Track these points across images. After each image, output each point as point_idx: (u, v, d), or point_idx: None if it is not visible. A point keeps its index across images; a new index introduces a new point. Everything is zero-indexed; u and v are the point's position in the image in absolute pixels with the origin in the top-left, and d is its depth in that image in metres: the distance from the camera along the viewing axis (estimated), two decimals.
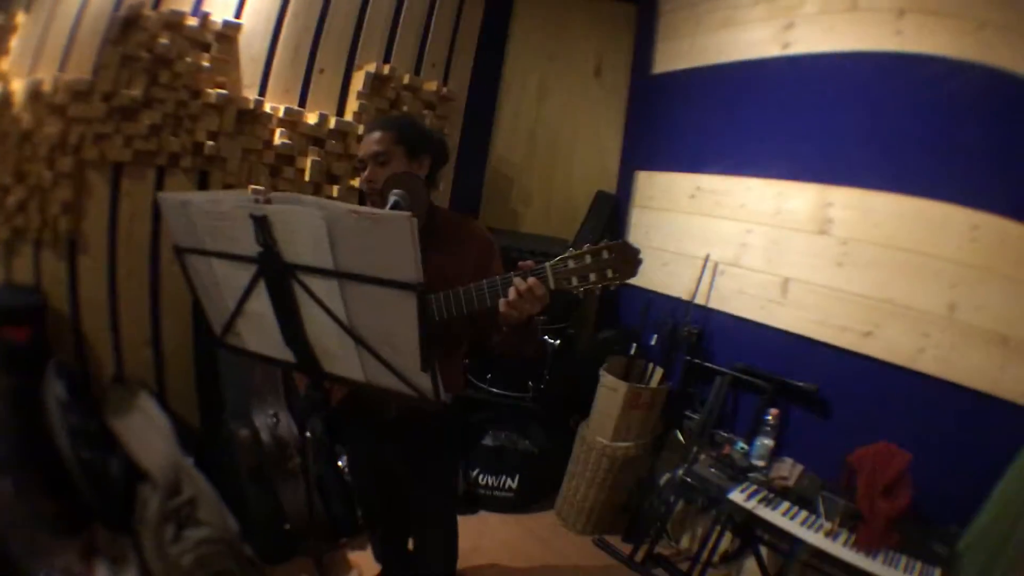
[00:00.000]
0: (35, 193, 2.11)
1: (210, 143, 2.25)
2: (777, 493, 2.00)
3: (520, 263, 1.11)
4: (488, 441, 2.72)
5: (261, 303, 1.07)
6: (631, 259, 1.04)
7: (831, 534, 1.79)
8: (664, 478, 2.52)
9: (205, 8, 2.24)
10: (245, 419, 2.08)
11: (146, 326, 2.34)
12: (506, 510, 2.70)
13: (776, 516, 1.87)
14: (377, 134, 1.34)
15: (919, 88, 2.05)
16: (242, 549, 1.90)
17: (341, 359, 1.07)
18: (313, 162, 2.48)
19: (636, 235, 3.12)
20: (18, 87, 2.10)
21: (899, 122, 2.10)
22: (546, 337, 2.71)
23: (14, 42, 2.16)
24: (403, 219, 0.85)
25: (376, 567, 1.98)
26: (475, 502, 2.69)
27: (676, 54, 3.01)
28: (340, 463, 2.30)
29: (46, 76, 2.09)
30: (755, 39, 2.60)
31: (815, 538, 1.78)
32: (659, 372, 2.70)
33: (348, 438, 1.78)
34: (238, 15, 2.32)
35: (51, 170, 2.11)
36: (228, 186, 2.31)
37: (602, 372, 2.59)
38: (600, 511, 2.58)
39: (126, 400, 2.12)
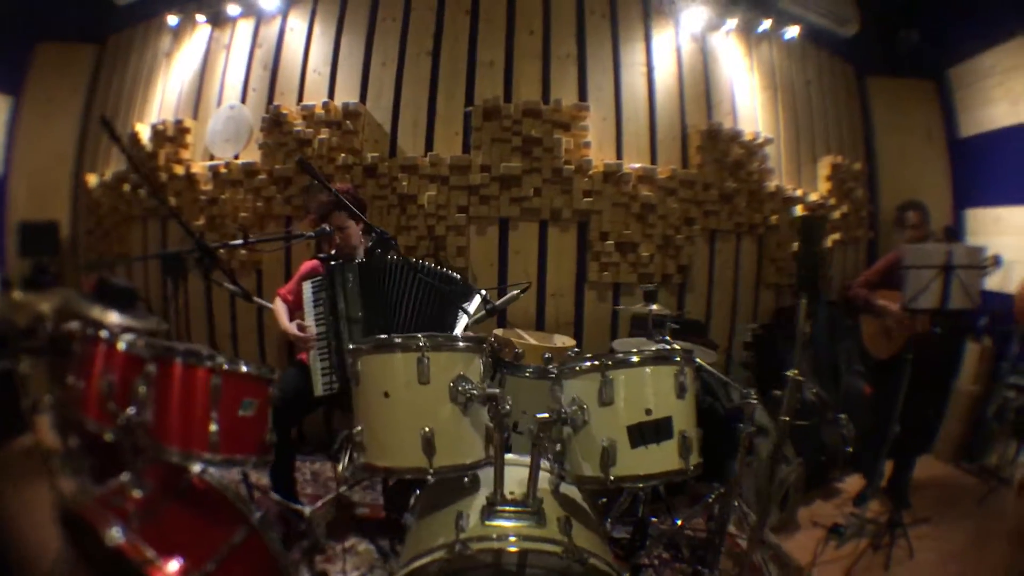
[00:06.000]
0: (661, 249, 3.34)
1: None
2: None
3: None
4: None
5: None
6: None
7: None
8: None
9: None
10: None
11: (725, 336, 3.74)
12: None
13: None
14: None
15: None
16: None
17: None
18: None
19: None
20: (628, 168, 3.28)
21: None
22: None
23: (592, 133, 3.36)
24: None
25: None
26: None
27: None
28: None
29: (642, 164, 3.32)
30: None
31: None
32: None
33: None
34: None
35: (678, 234, 3.33)
36: None
37: None
38: None
39: None
